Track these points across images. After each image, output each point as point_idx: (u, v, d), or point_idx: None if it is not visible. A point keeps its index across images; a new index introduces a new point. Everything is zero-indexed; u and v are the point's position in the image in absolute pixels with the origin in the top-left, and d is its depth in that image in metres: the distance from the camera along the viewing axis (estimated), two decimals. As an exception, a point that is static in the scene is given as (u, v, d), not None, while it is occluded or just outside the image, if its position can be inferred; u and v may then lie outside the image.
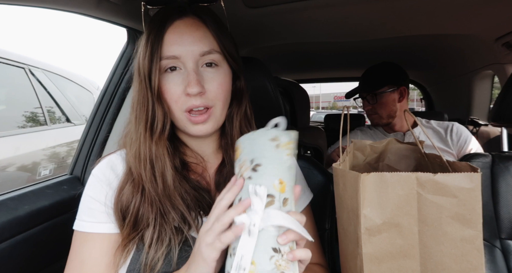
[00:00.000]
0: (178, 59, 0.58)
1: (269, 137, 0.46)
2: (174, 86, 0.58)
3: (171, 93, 0.58)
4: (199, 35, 0.59)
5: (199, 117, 0.59)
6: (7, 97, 2.35)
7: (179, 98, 0.58)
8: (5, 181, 1.92)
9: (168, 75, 0.59)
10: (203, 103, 0.58)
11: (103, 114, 1.14)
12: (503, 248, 0.81)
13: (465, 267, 0.45)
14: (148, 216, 0.56)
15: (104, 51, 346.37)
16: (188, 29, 0.58)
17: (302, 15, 1.20)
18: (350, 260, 0.53)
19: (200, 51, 0.58)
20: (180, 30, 0.58)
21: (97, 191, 0.60)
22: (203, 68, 0.59)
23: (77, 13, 0.87)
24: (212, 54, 0.59)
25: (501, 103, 0.97)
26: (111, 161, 0.64)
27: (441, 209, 0.45)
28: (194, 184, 0.62)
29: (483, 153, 0.88)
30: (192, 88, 0.56)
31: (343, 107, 0.67)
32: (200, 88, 0.56)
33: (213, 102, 0.59)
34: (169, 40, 0.58)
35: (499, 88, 2.02)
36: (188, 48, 0.57)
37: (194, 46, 0.58)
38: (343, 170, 0.52)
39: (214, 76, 0.59)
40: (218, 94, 0.60)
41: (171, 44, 0.58)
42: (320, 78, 2.93)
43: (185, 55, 0.58)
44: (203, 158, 0.67)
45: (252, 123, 0.69)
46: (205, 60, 0.59)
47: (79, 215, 0.61)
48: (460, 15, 1.22)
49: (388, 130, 1.49)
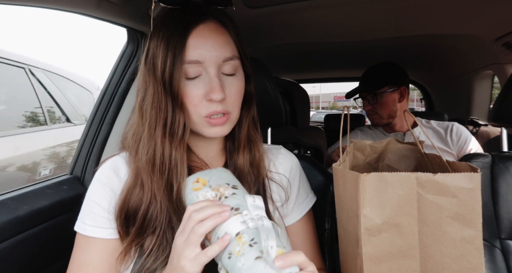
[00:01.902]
0: (201, 64, 0.57)
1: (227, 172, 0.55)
2: (195, 90, 0.57)
3: (192, 97, 0.57)
4: (222, 41, 0.58)
5: (219, 119, 0.58)
6: (7, 97, 2.35)
7: (199, 103, 0.57)
8: (5, 181, 1.92)
9: (191, 81, 0.57)
10: (223, 109, 0.58)
11: (103, 114, 1.14)
12: (503, 248, 0.81)
13: (465, 267, 0.45)
14: (155, 223, 0.55)
15: (104, 51, 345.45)
16: (212, 34, 0.58)
17: (302, 15, 1.20)
18: (350, 260, 0.53)
19: (223, 57, 0.57)
20: (204, 35, 0.57)
21: (100, 196, 0.60)
22: (223, 74, 0.59)
23: (77, 13, 0.87)
24: (234, 60, 0.59)
25: (501, 103, 0.97)
26: (114, 164, 0.63)
27: (441, 209, 0.45)
28: None
29: (483, 153, 0.88)
30: (216, 94, 0.55)
31: (343, 107, 0.67)
32: (223, 94, 0.56)
33: (231, 108, 0.60)
34: (193, 44, 0.56)
35: (499, 88, 2.02)
36: (212, 53, 0.57)
37: (218, 51, 0.57)
38: (343, 170, 0.52)
39: (233, 82, 0.60)
40: (236, 100, 0.60)
41: (195, 48, 0.56)
42: (320, 78, 2.93)
43: (209, 60, 0.57)
44: (206, 163, 0.66)
45: (257, 126, 0.69)
46: (226, 66, 0.59)
47: (81, 217, 0.61)
48: (460, 15, 1.22)
49: (388, 130, 1.49)
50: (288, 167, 0.72)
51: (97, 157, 1.13)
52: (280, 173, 0.70)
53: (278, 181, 0.69)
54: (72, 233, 0.61)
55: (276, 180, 0.68)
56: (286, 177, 0.70)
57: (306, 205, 0.72)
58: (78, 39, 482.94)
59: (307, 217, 0.72)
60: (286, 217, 0.69)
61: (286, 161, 0.73)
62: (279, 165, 0.72)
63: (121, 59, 1.15)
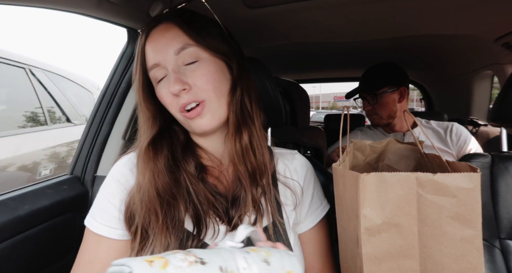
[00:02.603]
0: (159, 65, 0.59)
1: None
2: (164, 91, 0.59)
3: (164, 98, 0.60)
4: (170, 36, 0.59)
5: (193, 111, 0.58)
6: (7, 97, 2.35)
7: (171, 101, 0.59)
8: (6, 181, 1.92)
9: (160, 83, 0.60)
10: (192, 99, 0.58)
11: (103, 114, 1.14)
12: (502, 248, 0.81)
13: (464, 267, 0.45)
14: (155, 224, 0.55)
15: (104, 51, 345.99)
16: (160, 34, 0.60)
17: (302, 15, 1.20)
18: (350, 260, 0.53)
19: (173, 50, 0.58)
20: (154, 37, 0.60)
21: (113, 194, 0.60)
22: (185, 66, 0.59)
23: (77, 13, 0.87)
24: (187, 49, 0.58)
25: (501, 103, 0.97)
26: (131, 161, 0.63)
27: (440, 209, 0.45)
28: (211, 188, 0.60)
29: (482, 153, 0.88)
30: (173, 87, 0.56)
31: (343, 107, 0.67)
32: (180, 85, 0.56)
33: (202, 95, 0.58)
34: (147, 50, 0.60)
35: (498, 88, 2.02)
36: (163, 51, 0.58)
37: (167, 47, 0.58)
38: (343, 170, 0.52)
39: (195, 69, 0.59)
40: (204, 85, 0.58)
41: (149, 53, 0.60)
42: (320, 78, 2.93)
43: (163, 59, 0.58)
44: (220, 161, 0.65)
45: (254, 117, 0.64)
46: (183, 57, 0.58)
47: (92, 212, 0.61)
48: (460, 15, 1.22)
49: (388, 130, 1.49)
50: (302, 174, 0.71)
51: (97, 157, 1.13)
52: (294, 179, 0.69)
53: (292, 187, 0.67)
54: (71, 233, 0.61)
55: (290, 186, 0.66)
56: (300, 184, 0.69)
57: (320, 213, 0.70)
58: (78, 39, 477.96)
59: (320, 225, 0.70)
60: (299, 225, 0.68)
61: (301, 167, 0.72)
62: (294, 171, 0.70)
63: (121, 59, 1.15)
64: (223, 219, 0.58)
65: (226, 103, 0.62)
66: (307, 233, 0.69)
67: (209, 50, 0.60)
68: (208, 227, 0.57)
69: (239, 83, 0.64)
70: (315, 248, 0.69)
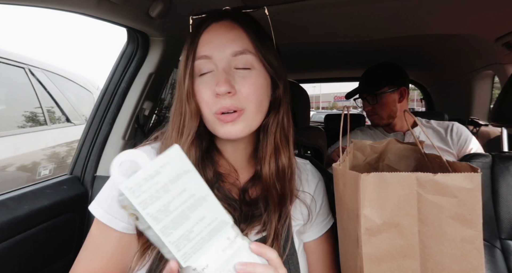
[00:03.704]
0: (210, 59, 0.56)
1: None
2: (205, 87, 0.57)
3: (202, 93, 0.57)
4: (232, 36, 0.57)
5: (228, 116, 0.56)
6: (7, 97, 2.35)
7: (209, 99, 0.56)
8: (5, 181, 1.92)
9: (202, 77, 0.58)
10: (234, 105, 0.55)
11: (103, 114, 1.14)
12: (503, 248, 0.81)
13: (465, 267, 0.45)
14: None
15: (104, 51, 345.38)
16: (222, 30, 0.58)
17: (302, 15, 1.20)
18: (350, 260, 0.53)
19: (232, 51, 0.56)
20: (215, 31, 0.58)
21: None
22: (236, 69, 0.57)
23: (77, 13, 0.87)
24: (245, 55, 0.57)
25: (501, 103, 0.97)
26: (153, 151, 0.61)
27: (441, 209, 0.45)
28: (226, 193, 0.59)
29: (483, 153, 0.88)
30: (220, 87, 0.53)
31: (343, 107, 0.67)
32: (228, 87, 0.54)
33: (244, 104, 0.56)
34: (203, 40, 0.58)
35: (499, 88, 2.02)
36: (221, 48, 0.56)
37: (227, 46, 0.56)
38: (343, 170, 0.52)
39: (245, 76, 0.57)
40: (249, 95, 0.56)
41: (204, 44, 0.57)
42: (320, 78, 2.93)
43: (217, 54, 0.56)
44: (236, 168, 0.64)
45: (289, 138, 0.64)
46: (238, 60, 0.57)
47: (98, 198, 0.59)
48: (460, 15, 1.22)
49: (388, 130, 1.49)
50: (314, 185, 0.70)
51: (97, 157, 1.13)
52: (305, 191, 0.68)
53: (302, 199, 0.66)
54: (72, 233, 0.61)
55: (300, 198, 0.65)
56: (310, 195, 0.68)
57: (325, 226, 0.70)
58: (78, 39, 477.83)
59: (325, 237, 0.70)
60: (303, 234, 0.68)
61: (313, 178, 0.71)
62: (305, 182, 0.69)
63: (121, 59, 1.15)
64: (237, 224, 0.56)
65: (261, 118, 0.60)
66: (311, 243, 0.68)
67: (264, 61, 0.59)
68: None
69: (282, 105, 0.63)
70: (319, 259, 0.69)
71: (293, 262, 0.61)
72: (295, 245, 0.63)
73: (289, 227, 0.62)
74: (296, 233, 0.65)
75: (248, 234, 0.58)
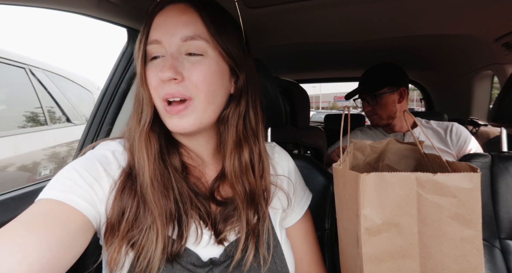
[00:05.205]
0: (160, 43, 0.53)
1: None
2: (154, 71, 0.54)
3: (150, 79, 0.54)
4: (184, 19, 0.53)
5: (175, 107, 0.52)
6: (7, 97, 2.35)
7: (158, 85, 0.53)
8: (6, 181, 1.92)
9: (152, 62, 0.55)
10: (179, 92, 0.52)
11: (103, 114, 1.14)
12: (502, 248, 0.81)
13: (464, 267, 0.45)
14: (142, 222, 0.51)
15: (104, 51, 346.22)
16: (174, 13, 0.54)
17: (302, 15, 1.20)
18: (350, 260, 0.53)
19: (182, 36, 0.52)
20: (167, 14, 0.54)
21: (89, 169, 0.53)
22: (187, 55, 0.53)
23: (77, 13, 0.87)
24: (197, 41, 0.52)
25: (501, 103, 0.97)
26: (118, 148, 0.59)
27: (441, 209, 0.45)
28: (193, 188, 0.56)
29: (482, 153, 0.89)
30: (164, 73, 0.50)
31: (344, 107, 0.67)
32: (173, 73, 0.50)
33: (193, 93, 0.52)
34: (155, 24, 0.54)
35: (498, 88, 2.02)
36: (170, 32, 0.53)
37: (177, 30, 0.52)
38: (343, 170, 0.52)
39: (196, 63, 0.53)
40: (198, 83, 0.52)
41: (155, 28, 0.54)
42: (320, 78, 2.93)
43: (167, 39, 0.53)
44: (203, 161, 0.61)
45: (258, 132, 0.61)
46: (189, 45, 0.53)
47: (48, 187, 0.53)
48: (460, 15, 1.22)
49: (388, 131, 1.49)
50: (285, 166, 0.68)
51: (97, 157, 1.13)
52: (279, 174, 0.66)
53: (279, 185, 0.63)
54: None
55: (276, 184, 0.63)
56: (286, 177, 0.66)
57: (305, 203, 0.69)
58: (78, 39, 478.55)
59: (306, 215, 0.69)
60: (286, 219, 0.66)
61: (282, 160, 0.69)
62: (276, 165, 0.67)
63: (121, 59, 1.15)
64: (207, 222, 0.55)
65: (215, 111, 0.56)
66: (294, 225, 0.67)
67: (220, 49, 0.54)
68: (190, 229, 0.53)
69: (244, 97, 0.59)
70: (303, 239, 0.68)
71: (277, 255, 0.59)
72: (277, 236, 0.61)
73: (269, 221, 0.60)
74: (278, 222, 0.63)
75: (227, 236, 0.56)
